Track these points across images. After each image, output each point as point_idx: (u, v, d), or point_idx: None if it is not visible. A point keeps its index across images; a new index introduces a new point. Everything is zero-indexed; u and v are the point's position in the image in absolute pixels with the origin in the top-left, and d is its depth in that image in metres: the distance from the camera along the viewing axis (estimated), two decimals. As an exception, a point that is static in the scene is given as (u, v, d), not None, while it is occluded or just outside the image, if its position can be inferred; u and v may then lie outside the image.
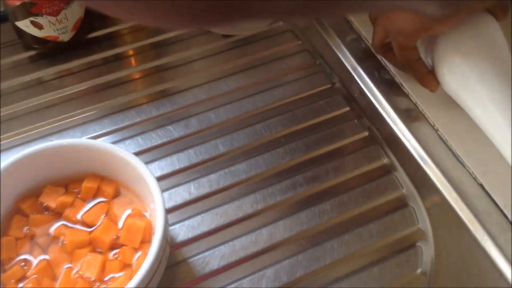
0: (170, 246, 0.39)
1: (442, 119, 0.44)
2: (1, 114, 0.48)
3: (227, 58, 0.54)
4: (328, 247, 0.41)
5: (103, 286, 0.35)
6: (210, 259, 0.41)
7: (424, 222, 0.43)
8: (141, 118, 0.49)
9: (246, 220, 0.43)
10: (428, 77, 0.41)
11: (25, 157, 0.37)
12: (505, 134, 0.36)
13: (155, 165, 0.45)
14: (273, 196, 0.44)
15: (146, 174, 0.36)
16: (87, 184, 0.38)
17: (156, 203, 0.35)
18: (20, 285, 0.35)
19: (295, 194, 0.44)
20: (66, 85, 0.51)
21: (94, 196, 0.39)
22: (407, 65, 0.42)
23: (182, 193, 0.44)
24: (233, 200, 0.44)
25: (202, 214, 0.43)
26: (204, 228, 0.42)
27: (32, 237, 0.37)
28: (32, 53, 0.53)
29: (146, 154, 0.46)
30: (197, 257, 0.41)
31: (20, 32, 0.51)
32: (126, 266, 0.36)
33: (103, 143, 0.38)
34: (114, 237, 0.37)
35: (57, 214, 0.37)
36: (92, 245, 0.37)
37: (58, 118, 0.49)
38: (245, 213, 0.43)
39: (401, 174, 0.45)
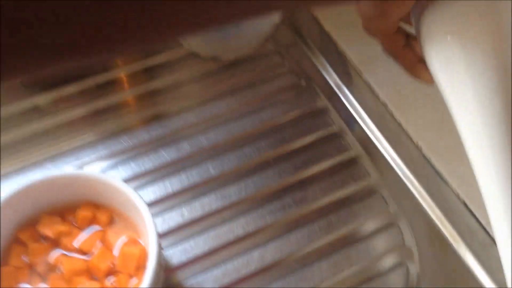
0: (164, 269, 0.41)
1: (425, 137, 0.46)
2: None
3: (216, 81, 0.56)
4: (318, 268, 0.43)
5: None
6: (203, 282, 0.42)
7: (410, 240, 0.45)
8: (133, 143, 0.50)
9: (238, 243, 0.44)
10: (417, 67, 0.34)
11: (22, 189, 0.38)
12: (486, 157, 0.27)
13: (148, 190, 0.47)
14: (264, 218, 0.46)
15: (139, 202, 0.38)
16: (82, 213, 0.40)
17: (148, 231, 0.36)
18: (20, 314, 0.36)
19: (285, 216, 0.46)
20: (59, 110, 0.52)
21: (90, 224, 0.40)
22: (392, 54, 0.35)
23: (175, 217, 0.45)
24: (224, 222, 0.45)
25: (195, 237, 0.44)
26: (197, 251, 0.44)
27: (31, 266, 0.38)
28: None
29: (139, 178, 0.48)
30: (191, 281, 0.42)
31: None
32: None
33: (97, 173, 0.40)
34: (110, 264, 0.38)
35: (55, 242, 0.39)
36: (89, 272, 0.38)
37: (52, 144, 0.50)
38: (236, 235, 0.45)
39: (386, 193, 0.47)
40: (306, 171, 0.48)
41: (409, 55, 0.35)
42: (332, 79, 0.53)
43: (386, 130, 0.47)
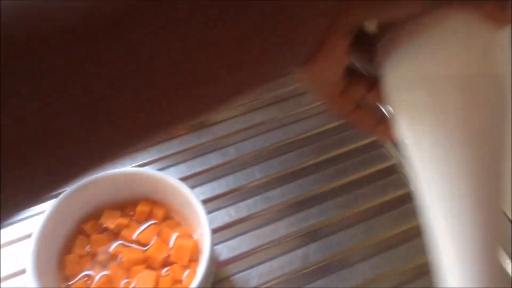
0: (214, 264, 0.44)
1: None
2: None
3: (259, 91, 0.59)
4: (359, 268, 0.45)
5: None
6: (250, 277, 0.45)
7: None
8: (184, 147, 0.53)
9: (282, 242, 0.47)
10: (378, 129, 0.28)
11: (86, 184, 0.42)
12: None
13: (197, 191, 0.50)
14: (306, 220, 0.48)
15: (193, 199, 0.41)
16: (141, 208, 0.43)
17: (202, 225, 0.39)
18: (85, 298, 0.39)
19: (327, 219, 0.48)
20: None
21: (147, 219, 0.43)
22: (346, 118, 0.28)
23: (222, 216, 0.48)
24: (268, 223, 0.48)
25: (241, 236, 0.47)
26: (243, 248, 0.46)
27: (93, 255, 0.41)
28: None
29: (189, 180, 0.51)
30: (238, 275, 0.45)
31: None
32: (176, 281, 0.40)
33: (155, 171, 0.43)
34: (166, 255, 0.41)
35: (115, 234, 0.42)
36: (146, 262, 0.41)
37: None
38: (280, 235, 0.47)
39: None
40: (347, 177, 0.51)
41: (364, 119, 0.28)
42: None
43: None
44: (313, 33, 0.20)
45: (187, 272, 0.41)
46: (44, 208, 0.40)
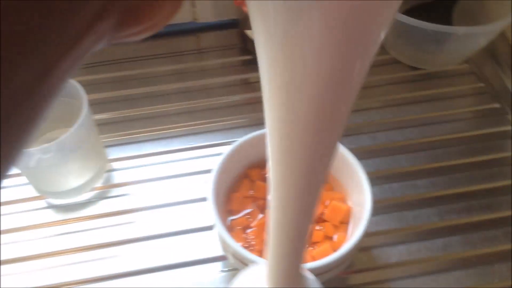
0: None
1: None
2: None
3: (410, 87, 0.61)
4: (497, 269, 0.46)
5: (310, 248, 0.43)
6: (389, 254, 0.47)
7: None
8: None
9: (423, 229, 0.49)
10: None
11: (254, 137, 0.46)
12: None
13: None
14: (449, 214, 0.50)
15: (358, 167, 0.44)
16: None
17: (365, 192, 0.42)
18: (246, 231, 0.44)
19: (469, 216, 0.49)
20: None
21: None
22: None
23: (367, 194, 0.51)
24: (412, 209, 0.50)
25: (385, 214, 0.50)
26: (385, 226, 0.49)
27: (254, 199, 0.46)
28: (247, 57, 0.64)
29: (338, 155, 0.54)
30: (378, 249, 0.47)
31: (244, 38, 0.62)
32: (327, 238, 0.44)
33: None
34: (320, 212, 0.45)
35: (276, 185, 0.46)
36: (301, 215, 0.45)
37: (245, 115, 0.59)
38: (422, 221, 0.49)
39: None
40: (495, 182, 0.52)
41: None
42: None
43: None
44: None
45: (337, 234, 0.44)
46: (222, 151, 0.45)
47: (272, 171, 0.24)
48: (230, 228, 0.44)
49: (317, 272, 0.38)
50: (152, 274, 0.46)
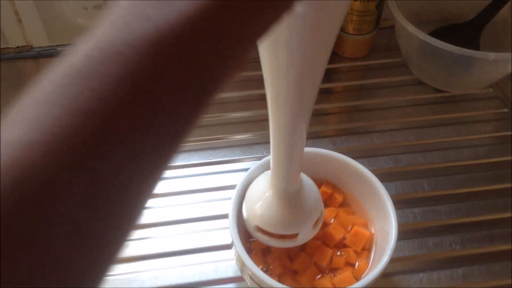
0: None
1: None
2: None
3: (432, 110, 0.61)
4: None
5: (331, 275, 0.42)
6: (410, 280, 0.46)
7: None
8: (333, 147, 0.56)
9: (444, 257, 0.48)
10: None
11: (259, 167, 0.44)
12: None
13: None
14: (471, 242, 0.49)
15: (382, 191, 0.43)
16: (324, 189, 0.46)
17: (391, 218, 0.42)
18: (266, 254, 0.43)
19: (491, 245, 0.49)
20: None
21: (325, 200, 0.46)
22: None
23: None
24: (433, 235, 0.49)
25: (406, 240, 0.49)
26: (406, 252, 0.48)
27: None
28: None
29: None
30: (398, 276, 0.47)
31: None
32: (348, 264, 0.43)
33: (347, 157, 0.46)
34: (342, 237, 0.44)
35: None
36: (322, 239, 0.44)
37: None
38: (442, 249, 0.48)
39: None
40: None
41: None
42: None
43: None
44: None
45: (359, 261, 0.43)
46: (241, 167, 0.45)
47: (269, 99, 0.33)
48: (249, 250, 0.43)
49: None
50: (167, 293, 0.45)
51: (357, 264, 0.43)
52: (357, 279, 0.41)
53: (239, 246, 0.40)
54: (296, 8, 0.24)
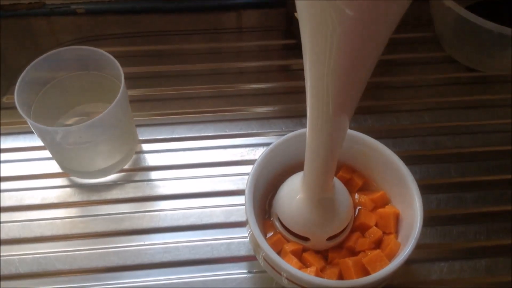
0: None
1: None
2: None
3: (463, 90, 0.59)
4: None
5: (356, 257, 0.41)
6: (430, 270, 0.45)
7: None
8: (356, 125, 0.55)
9: (467, 247, 0.47)
10: None
11: (291, 137, 0.44)
12: None
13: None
14: (497, 233, 0.48)
15: (408, 175, 0.42)
16: (342, 174, 0.45)
17: (416, 205, 0.40)
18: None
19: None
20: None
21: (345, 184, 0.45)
22: None
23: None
24: (458, 224, 0.48)
25: (428, 227, 0.48)
26: (428, 240, 0.47)
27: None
28: (290, 41, 0.62)
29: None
30: (417, 264, 0.46)
31: (290, 20, 0.60)
32: (375, 246, 0.42)
33: (370, 137, 0.44)
34: (374, 223, 0.43)
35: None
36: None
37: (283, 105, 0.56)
38: (466, 239, 0.47)
39: None
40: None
41: None
42: None
43: None
44: None
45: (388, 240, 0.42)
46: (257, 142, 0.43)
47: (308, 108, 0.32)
48: (264, 229, 0.42)
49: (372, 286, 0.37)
50: (175, 269, 0.45)
51: (382, 246, 0.42)
52: (389, 259, 0.40)
53: (254, 226, 0.39)
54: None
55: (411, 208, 0.41)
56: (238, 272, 0.45)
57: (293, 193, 0.41)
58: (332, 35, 0.25)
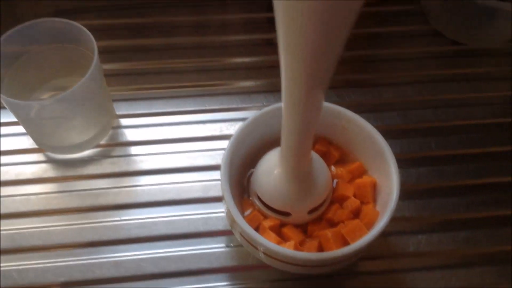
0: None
1: None
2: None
3: (449, 63, 0.58)
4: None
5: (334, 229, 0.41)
6: (407, 242, 0.45)
7: None
8: (338, 100, 0.54)
9: (446, 219, 0.47)
10: None
11: (258, 117, 0.43)
12: None
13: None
14: (477, 205, 0.48)
15: (386, 150, 0.41)
16: (319, 147, 0.45)
17: (393, 170, 0.40)
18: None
19: (499, 210, 0.47)
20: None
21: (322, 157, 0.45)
22: None
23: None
24: (437, 197, 0.48)
25: (407, 200, 0.48)
26: (406, 212, 0.47)
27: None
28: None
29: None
30: (394, 236, 0.46)
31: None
32: (354, 216, 0.41)
33: (348, 110, 0.44)
34: (352, 194, 0.42)
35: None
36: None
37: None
38: (445, 211, 0.47)
39: None
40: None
41: None
42: None
43: None
44: None
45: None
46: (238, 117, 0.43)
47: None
48: (241, 205, 0.42)
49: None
50: (152, 244, 0.45)
51: (361, 215, 0.41)
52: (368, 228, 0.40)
53: (230, 202, 0.38)
54: None
55: (388, 179, 0.41)
56: (216, 246, 0.45)
57: (271, 169, 0.41)
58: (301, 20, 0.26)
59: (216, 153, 0.50)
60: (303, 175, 0.40)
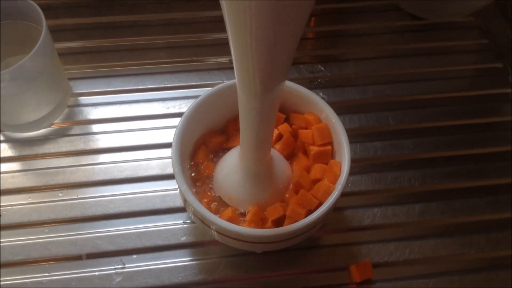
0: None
1: None
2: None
3: (408, 39, 0.58)
4: (475, 240, 0.45)
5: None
6: (363, 216, 0.46)
7: None
8: (299, 76, 0.54)
9: (402, 192, 0.48)
10: None
11: (211, 94, 0.43)
12: None
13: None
14: (432, 178, 0.49)
15: (338, 124, 0.41)
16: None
17: (344, 153, 0.40)
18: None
19: (453, 182, 0.48)
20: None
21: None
22: None
23: (347, 151, 0.49)
24: (393, 170, 0.49)
25: (363, 174, 0.48)
26: (363, 187, 0.48)
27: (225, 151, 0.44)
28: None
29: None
30: (351, 210, 0.46)
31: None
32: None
33: (300, 86, 0.43)
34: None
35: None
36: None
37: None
38: (401, 185, 0.48)
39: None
40: (485, 148, 0.50)
41: None
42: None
43: None
44: None
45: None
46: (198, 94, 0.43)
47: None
48: (195, 181, 0.42)
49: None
50: (109, 221, 0.45)
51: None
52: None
53: (180, 181, 0.38)
54: None
55: (340, 153, 0.41)
56: (173, 223, 0.45)
57: (231, 168, 0.41)
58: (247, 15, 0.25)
59: (174, 131, 0.50)
60: (262, 174, 0.40)
